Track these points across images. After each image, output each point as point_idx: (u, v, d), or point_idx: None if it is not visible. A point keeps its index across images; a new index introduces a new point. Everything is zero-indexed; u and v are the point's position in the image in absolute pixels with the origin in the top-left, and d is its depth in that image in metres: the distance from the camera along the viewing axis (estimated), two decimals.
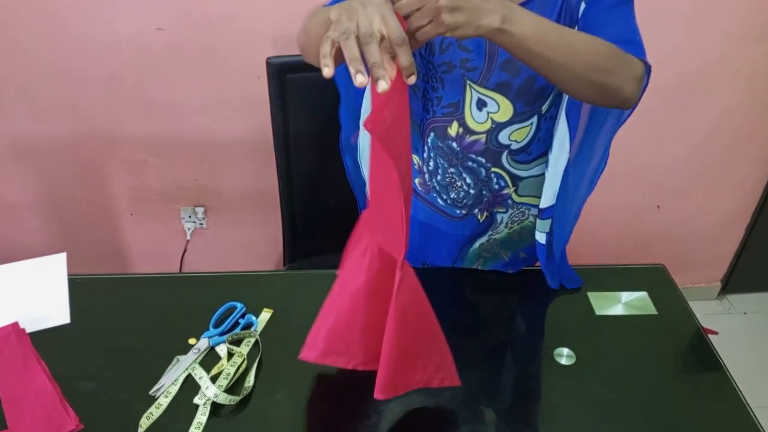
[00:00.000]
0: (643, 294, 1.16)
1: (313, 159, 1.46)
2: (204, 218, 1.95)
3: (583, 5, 0.92)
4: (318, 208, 1.52)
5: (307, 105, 1.38)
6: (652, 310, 1.13)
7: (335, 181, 1.35)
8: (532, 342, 1.08)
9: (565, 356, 1.03)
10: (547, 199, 1.09)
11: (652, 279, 1.21)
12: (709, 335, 1.10)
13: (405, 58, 0.69)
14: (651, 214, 2.08)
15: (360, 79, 0.68)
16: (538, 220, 1.13)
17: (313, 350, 0.93)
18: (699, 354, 1.06)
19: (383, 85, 0.67)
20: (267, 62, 1.33)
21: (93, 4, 1.56)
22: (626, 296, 1.16)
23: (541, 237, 1.14)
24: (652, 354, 1.06)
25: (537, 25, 0.78)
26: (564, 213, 1.11)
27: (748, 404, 0.97)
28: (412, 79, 0.70)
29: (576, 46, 0.81)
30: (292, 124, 1.40)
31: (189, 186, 1.88)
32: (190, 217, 1.94)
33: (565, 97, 1.00)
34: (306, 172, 1.47)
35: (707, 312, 2.25)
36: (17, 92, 1.68)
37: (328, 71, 0.69)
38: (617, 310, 1.13)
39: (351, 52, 0.69)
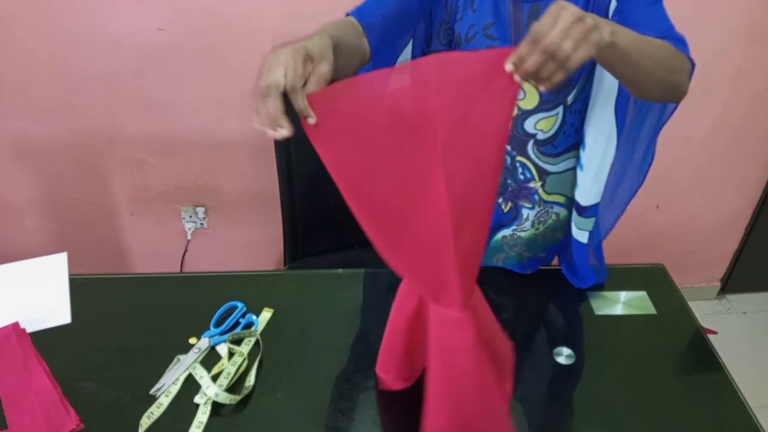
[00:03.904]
0: (643, 294, 1.16)
1: (313, 159, 1.44)
2: (205, 218, 1.95)
3: (614, 3, 0.94)
4: (318, 208, 1.52)
5: None
6: (651, 309, 1.13)
7: None
8: (532, 341, 1.08)
9: (564, 356, 1.04)
10: (593, 196, 1.09)
11: (652, 279, 1.21)
12: (708, 335, 1.10)
13: (295, 103, 0.73)
14: (651, 213, 2.08)
15: (270, 134, 0.74)
16: (578, 218, 1.12)
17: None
18: (698, 354, 1.06)
19: (280, 134, 0.74)
20: None
21: (93, 3, 1.56)
22: (626, 296, 1.16)
23: (582, 236, 1.13)
24: (652, 354, 1.06)
25: (629, 35, 0.78)
26: (600, 209, 1.11)
27: (747, 404, 0.97)
28: (310, 121, 0.74)
29: (655, 51, 0.83)
30: (292, 124, 1.40)
31: (189, 186, 1.88)
32: (190, 217, 1.94)
33: (609, 94, 1.00)
34: (306, 172, 1.47)
35: (707, 312, 2.25)
36: (17, 92, 1.68)
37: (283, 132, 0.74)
38: (617, 309, 1.13)
39: (261, 111, 0.74)
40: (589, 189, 1.09)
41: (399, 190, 0.74)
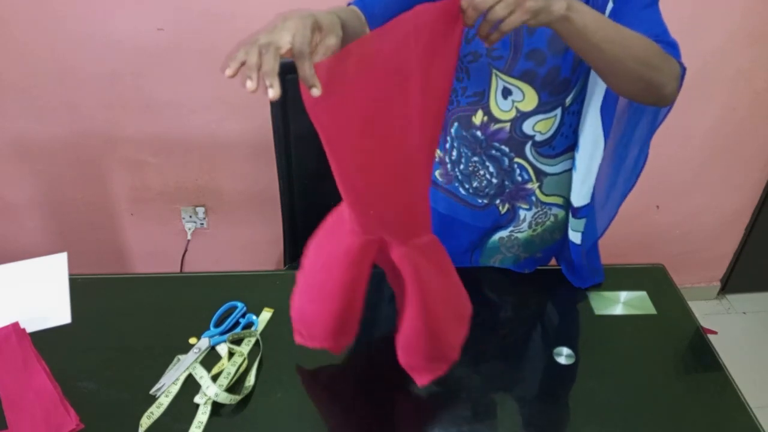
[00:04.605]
0: (643, 294, 1.16)
1: (313, 159, 1.45)
2: (205, 218, 1.95)
3: (610, 5, 0.94)
4: (318, 208, 1.51)
5: None
6: (651, 309, 1.13)
7: (335, 181, 1.35)
8: (532, 341, 1.08)
9: (564, 356, 1.04)
10: (582, 197, 1.09)
11: (652, 279, 1.21)
12: (708, 335, 1.10)
13: (301, 70, 0.67)
14: (651, 214, 2.08)
15: (247, 85, 0.67)
16: (572, 219, 1.13)
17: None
18: (698, 354, 1.06)
19: (271, 93, 0.66)
20: None
21: (93, 3, 1.56)
22: (626, 296, 1.16)
23: (576, 236, 1.14)
24: (652, 354, 1.06)
25: (595, 17, 0.80)
26: (595, 210, 1.12)
27: (747, 404, 0.97)
28: (315, 92, 0.68)
29: (629, 41, 0.83)
30: (292, 124, 1.40)
31: (189, 186, 1.88)
32: (190, 217, 1.94)
33: (599, 96, 1.01)
34: (306, 172, 1.47)
35: (707, 312, 2.25)
36: (17, 92, 1.68)
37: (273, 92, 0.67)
38: (617, 309, 1.13)
39: (249, 59, 0.67)
40: (579, 190, 1.09)
41: (385, 146, 0.77)
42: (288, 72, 1.33)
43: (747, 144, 1.96)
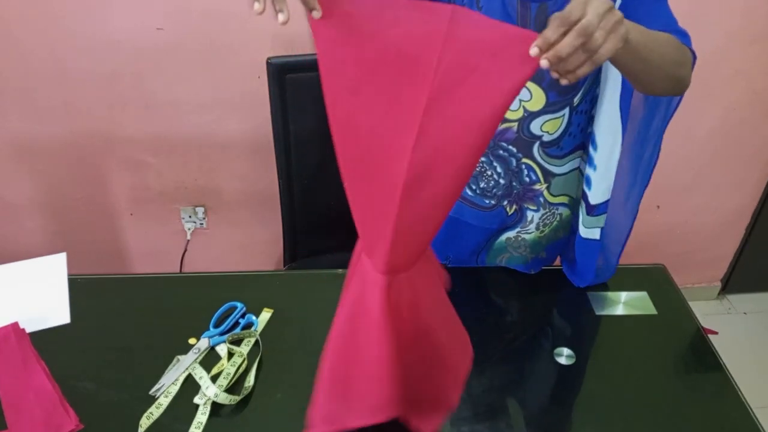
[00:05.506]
0: (643, 294, 1.16)
1: (313, 159, 1.46)
2: (204, 218, 1.95)
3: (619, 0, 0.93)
4: (318, 208, 1.52)
5: (307, 105, 1.38)
6: (652, 310, 1.13)
7: (335, 181, 1.34)
8: (532, 341, 1.08)
9: (565, 356, 1.03)
10: (601, 194, 1.09)
11: (652, 279, 1.21)
12: (709, 335, 1.10)
13: None
14: (651, 213, 2.08)
15: (255, 7, 0.66)
16: (587, 217, 1.12)
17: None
18: (699, 354, 1.06)
19: (281, 17, 0.67)
20: (267, 62, 1.33)
21: (93, 3, 1.56)
22: (626, 296, 1.16)
23: (593, 233, 1.12)
24: (652, 354, 1.06)
25: (639, 30, 0.77)
26: (617, 209, 1.11)
27: (748, 404, 0.97)
28: (315, 14, 0.68)
29: (663, 46, 0.83)
30: (292, 124, 1.40)
31: (189, 186, 1.88)
32: (190, 217, 1.94)
33: (614, 92, 1.00)
34: (306, 172, 1.47)
35: (707, 312, 2.25)
36: (17, 91, 1.68)
37: (282, 17, 0.67)
38: (617, 310, 1.13)
39: None
40: (597, 187, 1.08)
41: (375, 129, 0.71)
42: (288, 71, 1.34)
43: (747, 144, 1.96)
